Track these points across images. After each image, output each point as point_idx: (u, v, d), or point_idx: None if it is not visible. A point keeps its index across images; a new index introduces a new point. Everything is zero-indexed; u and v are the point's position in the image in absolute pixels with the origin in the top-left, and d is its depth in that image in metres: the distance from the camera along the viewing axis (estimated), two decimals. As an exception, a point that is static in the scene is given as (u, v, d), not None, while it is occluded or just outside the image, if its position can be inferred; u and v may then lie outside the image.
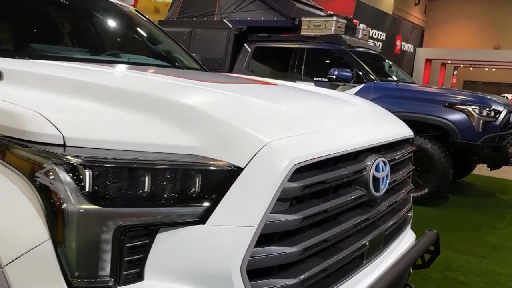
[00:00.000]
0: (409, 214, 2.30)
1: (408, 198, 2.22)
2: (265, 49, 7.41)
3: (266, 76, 7.08)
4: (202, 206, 1.20)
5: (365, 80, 6.30)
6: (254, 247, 1.23)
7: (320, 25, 7.01)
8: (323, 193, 1.47)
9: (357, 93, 6.20)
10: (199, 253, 1.18)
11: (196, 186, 1.20)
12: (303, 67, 6.91)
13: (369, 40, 8.02)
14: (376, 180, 1.68)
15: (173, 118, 1.29)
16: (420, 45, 21.11)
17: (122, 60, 2.76)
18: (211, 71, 3.16)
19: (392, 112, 2.40)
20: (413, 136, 2.22)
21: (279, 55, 7.28)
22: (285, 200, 1.30)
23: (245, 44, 7.52)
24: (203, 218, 1.19)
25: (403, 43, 18.45)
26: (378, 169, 1.70)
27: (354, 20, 7.89)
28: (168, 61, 3.12)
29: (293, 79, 6.82)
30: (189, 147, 1.24)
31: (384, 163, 1.74)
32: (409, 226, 2.28)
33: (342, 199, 1.51)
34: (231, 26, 7.66)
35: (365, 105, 2.22)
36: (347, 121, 1.81)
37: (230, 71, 7.50)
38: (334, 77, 6.23)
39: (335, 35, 6.85)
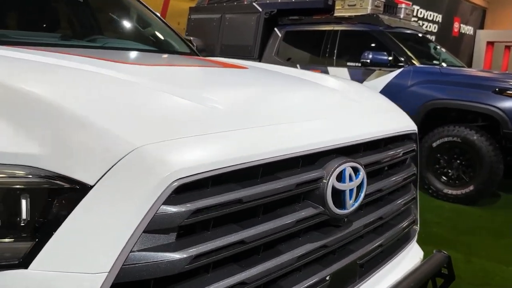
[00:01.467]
0: (414, 228, 1.81)
1: (408, 210, 1.74)
2: (296, 33, 6.91)
3: (297, 63, 6.63)
4: (23, 243, 0.82)
5: (404, 64, 5.66)
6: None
7: (355, 5, 6.41)
8: (239, 216, 1.05)
9: (394, 79, 5.60)
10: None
11: (16, 212, 0.83)
12: (335, 51, 6.36)
13: (414, 20, 7.28)
14: (338, 193, 1.24)
15: (8, 111, 0.92)
16: (481, 27, 19.53)
17: (93, 45, 2.45)
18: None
19: (434, 99, 1.90)
20: (415, 131, 1.73)
21: (311, 39, 6.76)
22: (162, 232, 0.90)
23: (275, 29, 7.06)
24: (25, 261, 0.82)
25: (461, 25, 17.10)
26: (343, 179, 1.25)
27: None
28: (151, 45, 2.78)
29: (325, 65, 6.31)
30: (29, 155, 0.86)
31: (356, 169, 1.29)
32: (413, 243, 1.79)
33: (274, 224, 1.08)
34: (260, 9, 7.21)
35: (350, 92, 1.74)
36: (308, 114, 1.35)
37: (260, 58, 7.08)
38: (368, 61, 5.65)
39: (372, 15, 6.23)
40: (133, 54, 2.12)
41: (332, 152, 1.28)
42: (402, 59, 5.70)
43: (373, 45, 5.97)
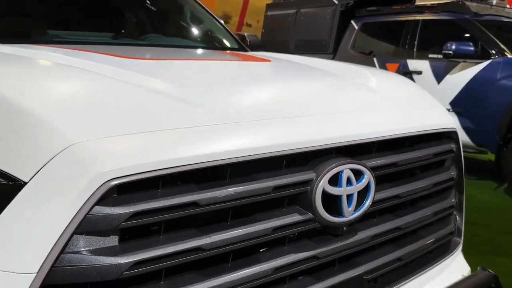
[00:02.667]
0: (455, 240, 1.58)
1: (444, 219, 1.51)
2: (373, 24, 6.57)
3: (373, 56, 6.29)
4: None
5: (492, 56, 5.10)
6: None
7: (439, -8, 5.93)
8: (203, 222, 0.96)
9: (481, 71, 5.07)
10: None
11: None
12: (416, 42, 5.92)
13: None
14: (333, 199, 1.09)
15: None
16: None
17: (141, 43, 2.52)
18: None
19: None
20: (453, 129, 1.49)
21: (389, 30, 6.38)
22: (99, 234, 0.84)
23: (352, 21, 6.78)
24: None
25: None
26: (339, 182, 1.10)
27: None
28: (198, 42, 2.78)
29: (404, 57, 5.92)
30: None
31: (359, 172, 1.13)
32: (452, 257, 1.56)
33: (243, 231, 0.98)
34: (336, 2, 6.97)
35: (369, 82, 1.55)
36: (302, 109, 1.22)
37: (335, 52, 6.85)
38: (451, 52, 5.19)
39: (457, 2, 5.71)
40: (158, 50, 2.11)
41: (330, 151, 1.14)
42: (492, 49, 5.14)
43: (458, 35, 5.46)
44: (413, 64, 5.80)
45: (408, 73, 5.73)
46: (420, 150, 1.36)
